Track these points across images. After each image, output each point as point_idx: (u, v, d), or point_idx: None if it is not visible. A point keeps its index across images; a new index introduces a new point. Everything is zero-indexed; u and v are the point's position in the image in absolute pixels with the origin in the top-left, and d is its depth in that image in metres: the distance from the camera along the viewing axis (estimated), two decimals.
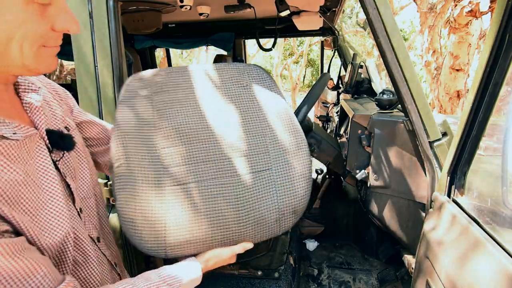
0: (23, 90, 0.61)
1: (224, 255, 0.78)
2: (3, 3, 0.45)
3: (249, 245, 0.81)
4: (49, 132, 0.62)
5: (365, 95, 2.11)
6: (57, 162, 0.63)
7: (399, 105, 1.19)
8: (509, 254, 0.62)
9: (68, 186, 0.65)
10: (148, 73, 0.87)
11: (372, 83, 2.15)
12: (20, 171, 0.52)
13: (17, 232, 0.50)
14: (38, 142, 0.59)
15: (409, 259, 1.30)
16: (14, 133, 0.53)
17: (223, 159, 0.83)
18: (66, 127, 0.70)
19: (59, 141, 0.64)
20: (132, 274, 1.15)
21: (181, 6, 1.65)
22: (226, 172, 0.82)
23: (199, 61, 11.16)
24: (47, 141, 0.61)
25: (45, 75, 0.69)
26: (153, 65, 3.31)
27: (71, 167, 0.67)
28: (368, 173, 1.34)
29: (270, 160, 0.88)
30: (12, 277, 0.45)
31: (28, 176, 0.53)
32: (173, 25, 2.65)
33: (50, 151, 0.62)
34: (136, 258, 1.27)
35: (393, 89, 1.17)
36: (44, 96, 0.67)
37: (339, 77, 2.71)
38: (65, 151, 0.66)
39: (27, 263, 0.47)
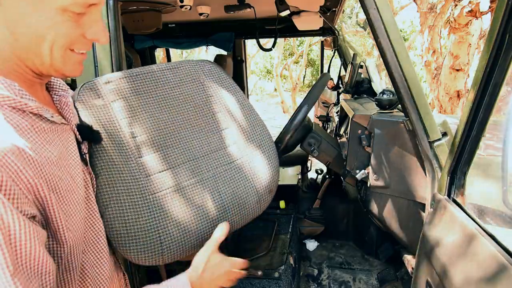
0: (54, 89, 0.67)
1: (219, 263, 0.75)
2: (39, 6, 0.49)
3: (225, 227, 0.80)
4: (79, 126, 0.68)
5: (365, 95, 2.10)
6: (84, 155, 0.68)
7: (399, 105, 1.19)
8: (509, 253, 0.62)
9: (92, 178, 0.70)
10: (100, 81, 0.81)
11: (372, 83, 2.15)
12: (54, 153, 0.55)
13: (42, 223, 0.51)
14: (69, 134, 0.63)
15: (409, 259, 1.30)
16: (51, 117, 0.57)
17: (197, 158, 0.85)
18: None
19: (89, 135, 0.70)
20: (132, 274, 1.15)
21: (181, 6, 1.65)
22: (203, 169, 0.85)
23: None
24: (78, 134, 0.66)
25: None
26: None
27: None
28: (368, 173, 1.34)
29: (240, 149, 0.92)
30: (30, 265, 0.45)
31: (60, 160, 0.56)
32: (173, 25, 2.65)
33: (80, 143, 0.67)
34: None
35: (393, 89, 1.17)
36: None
37: (339, 77, 2.70)
38: (92, 144, 0.72)
39: (46, 258, 0.48)
